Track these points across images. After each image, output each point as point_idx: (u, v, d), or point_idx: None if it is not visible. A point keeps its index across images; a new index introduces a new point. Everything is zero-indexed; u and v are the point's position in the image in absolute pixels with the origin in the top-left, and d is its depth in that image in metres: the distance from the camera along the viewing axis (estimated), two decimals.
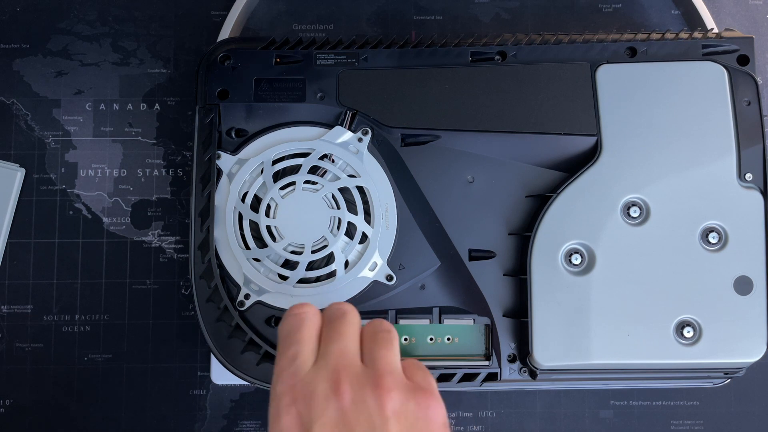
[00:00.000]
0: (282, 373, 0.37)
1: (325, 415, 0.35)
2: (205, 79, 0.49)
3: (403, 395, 0.36)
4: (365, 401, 0.35)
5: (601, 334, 0.46)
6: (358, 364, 0.37)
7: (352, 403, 0.35)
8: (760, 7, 0.59)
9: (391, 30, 0.58)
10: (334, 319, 0.39)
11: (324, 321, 0.40)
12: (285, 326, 0.39)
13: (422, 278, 0.48)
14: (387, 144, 0.49)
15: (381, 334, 0.39)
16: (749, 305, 0.46)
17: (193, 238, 0.48)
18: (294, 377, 0.37)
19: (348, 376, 0.36)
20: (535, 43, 0.49)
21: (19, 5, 0.58)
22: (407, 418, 0.35)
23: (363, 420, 0.35)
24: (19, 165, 0.56)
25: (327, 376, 0.36)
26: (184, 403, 0.54)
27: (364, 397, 0.35)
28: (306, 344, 0.38)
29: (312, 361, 0.38)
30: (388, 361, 0.37)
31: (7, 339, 0.54)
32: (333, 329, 0.39)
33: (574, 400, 0.54)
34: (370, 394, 0.35)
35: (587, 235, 0.47)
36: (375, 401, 0.35)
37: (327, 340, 0.38)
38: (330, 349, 0.37)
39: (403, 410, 0.35)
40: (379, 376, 0.36)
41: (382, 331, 0.39)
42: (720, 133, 0.47)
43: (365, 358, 0.38)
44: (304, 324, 0.39)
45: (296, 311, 0.40)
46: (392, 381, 0.36)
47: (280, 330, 0.40)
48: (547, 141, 0.48)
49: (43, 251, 0.55)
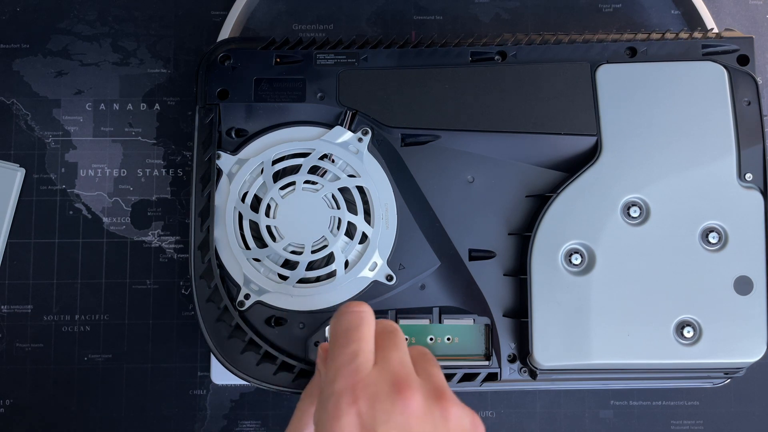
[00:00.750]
0: (341, 369, 0.36)
1: (390, 419, 0.34)
2: (205, 79, 0.49)
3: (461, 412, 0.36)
4: (431, 411, 0.35)
5: (601, 334, 0.46)
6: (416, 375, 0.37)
7: (420, 411, 0.35)
8: (760, 7, 0.59)
9: (391, 30, 0.58)
10: (388, 331, 0.39)
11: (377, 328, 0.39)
12: (343, 322, 0.38)
13: (422, 278, 0.48)
14: (387, 144, 0.49)
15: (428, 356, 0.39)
16: (749, 305, 0.46)
17: (193, 238, 0.48)
18: (356, 375, 0.36)
19: (415, 384, 0.36)
20: (535, 43, 0.49)
21: (19, 5, 0.58)
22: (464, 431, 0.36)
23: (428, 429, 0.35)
24: (19, 165, 0.56)
25: (392, 380, 0.35)
26: (184, 403, 0.54)
27: (430, 407, 0.35)
28: (367, 343, 0.37)
29: (372, 361, 0.37)
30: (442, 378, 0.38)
31: (7, 339, 0.54)
32: (390, 338, 0.38)
33: (574, 400, 0.54)
34: (435, 405, 0.35)
35: (587, 235, 0.47)
36: (440, 412, 0.35)
37: (385, 347, 0.37)
38: (391, 356, 0.37)
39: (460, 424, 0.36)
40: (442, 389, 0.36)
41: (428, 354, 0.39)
42: (720, 133, 0.47)
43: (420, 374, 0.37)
44: (364, 322, 0.38)
45: (354, 308, 0.39)
46: (452, 395, 0.36)
47: (336, 326, 0.38)
48: (547, 141, 0.48)
49: (43, 251, 0.55)
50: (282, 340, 0.47)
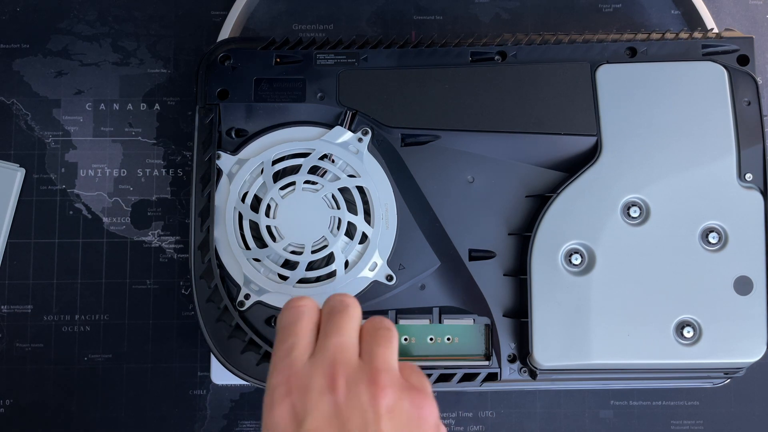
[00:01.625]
0: (278, 364, 0.37)
1: (318, 408, 0.35)
2: (205, 79, 0.49)
3: (397, 393, 0.36)
4: (359, 397, 0.35)
5: (601, 334, 0.46)
6: (355, 360, 0.37)
7: (347, 398, 0.35)
8: (760, 7, 0.59)
9: (391, 30, 0.58)
10: (335, 313, 0.39)
11: (324, 313, 0.40)
12: (283, 318, 0.39)
13: (422, 278, 0.48)
14: (387, 144, 0.49)
15: (381, 331, 0.39)
16: (749, 305, 0.46)
17: (193, 238, 0.48)
18: (289, 369, 0.37)
19: (344, 371, 0.36)
20: (535, 43, 0.49)
21: (19, 5, 0.58)
22: (400, 416, 0.35)
23: (356, 415, 0.35)
24: (19, 165, 0.56)
25: (323, 370, 0.36)
26: (184, 403, 0.54)
27: (359, 393, 0.35)
28: (303, 337, 0.38)
29: (308, 354, 0.38)
30: (386, 359, 0.37)
31: (7, 339, 0.54)
32: (332, 323, 0.38)
33: (574, 400, 0.54)
34: (364, 390, 0.35)
35: (587, 235, 0.47)
36: (369, 397, 0.35)
37: (325, 334, 0.38)
38: (328, 343, 0.37)
39: (396, 408, 0.35)
40: (376, 372, 0.36)
41: (383, 328, 0.39)
42: (720, 133, 0.47)
43: (363, 354, 0.38)
44: (302, 317, 0.39)
45: (294, 304, 0.40)
46: (388, 378, 0.36)
47: (278, 322, 0.40)
48: (547, 141, 0.48)
49: (43, 251, 0.55)
50: None
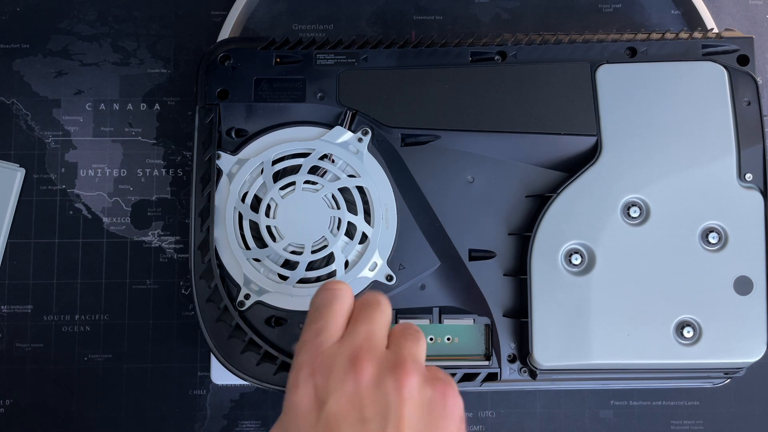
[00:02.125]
0: (306, 344, 0.37)
1: (341, 390, 0.35)
2: (205, 79, 0.49)
3: (422, 381, 0.36)
4: (383, 381, 0.35)
5: (601, 334, 0.46)
6: (383, 348, 0.37)
7: (371, 382, 0.35)
8: (760, 7, 0.59)
9: (391, 30, 0.58)
10: (368, 305, 0.39)
11: (356, 304, 0.40)
12: (317, 299, 0.39)
13: (422, 278, 0.48)
14: (387, 144, 0.49)
15: (410, 330, 0.39)
16: (749, 305, 0.46)
17: (193, 238, 0.48)
18: (316, 350, 0.36)
19: (370, 356, 0.36)
20: (535, 43, 0.49)
21: (19, 5, 0.58)
22: (423, 404, 0.35)
23: (379, 399, 0.34)
24: (19, 165, 0.56)
25: (349, 353, 0.36)
26: (184, 403, 0.54)
27: (383, 378, 0.35)
28: (334, 319, 0.38)
29: (337, 337, 0.37)
30: (413, 351, 0.37)
31: (7, 339, 0.54)
32: (364, 313, 0.38)
33: (574, 400, 0.54)
34: (389, 375, 0.35)
35: (587, 235, 0.47)
36: (393, 382, 0.35)
37: (356, 321, 0.38)
38: (357, 330, 0.37)
39: (420, 396, 0.35)
40: (402, 359, 0.36)
41: (412, 328, 0.39)
42: (720, 133, 0.47)
43: (391, 346, 0.38)
44: (336, 300, 0.39)
45: (330, 286, 0.40)
46: (413, 366, 0.36)
47: (312, 302, 0.40)
48: (547, 141, 0.48)
49: (43, 251, 0.55)
50: (282, 341, 0.47)
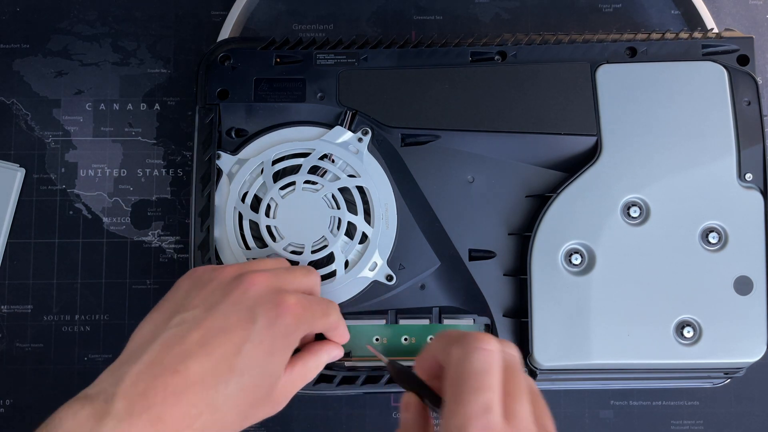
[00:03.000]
0: (473, 420, 0.33)
1: None
2: (205, 79, 0.49)
3: None
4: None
5: (601, 334, 0.46)
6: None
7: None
8: (760, 7, 0.59)
9: (391, 30, 0.58)
10: (515, 372, 0.35)
11: (504, 365, 0.36)
12: (474, 361, 0.34)
13: (422, 278, 0.48)
14: (387, 144, 0.49)
15: (538, 397, 0.36)
16: (749, 305, 0.46)
17: (193, 238, 0.48)
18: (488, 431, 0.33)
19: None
20: (535, 43, 0.49)
21: (19, 5, 0.58)
22: None
23: None
24: (19, 165, 0.56)
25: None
26: None
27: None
28: (497, 394, 0.34)
29: (502, 414, 0.34)
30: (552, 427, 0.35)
31: (7, 339, 0.54)
32: (518, 386, 0.35)
33: (574, 400, 0.54)
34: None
35: (587, 235, 0.47)
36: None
37: (515, 397, 0.34)
38: (520, 410, 0.34)
39: None
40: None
41: (536, 391, 0.36)
42: (720, 133, 0.47)
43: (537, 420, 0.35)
44: (496, 366, 0.35)
45: (486, 346, 0.35)
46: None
47: (466, 363, 0.35)
48: (547, 141, 0.48)
49: (43, 251, 0.55)
50: None
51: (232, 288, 0.39)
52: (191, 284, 0.41)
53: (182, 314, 0.39)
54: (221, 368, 0.37)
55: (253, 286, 0.39)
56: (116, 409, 0.34)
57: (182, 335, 0.37)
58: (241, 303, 0.39)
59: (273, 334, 0.38)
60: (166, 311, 0.40)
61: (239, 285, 0.39)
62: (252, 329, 0.38)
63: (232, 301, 0.39)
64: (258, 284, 0.39)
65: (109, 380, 0.36)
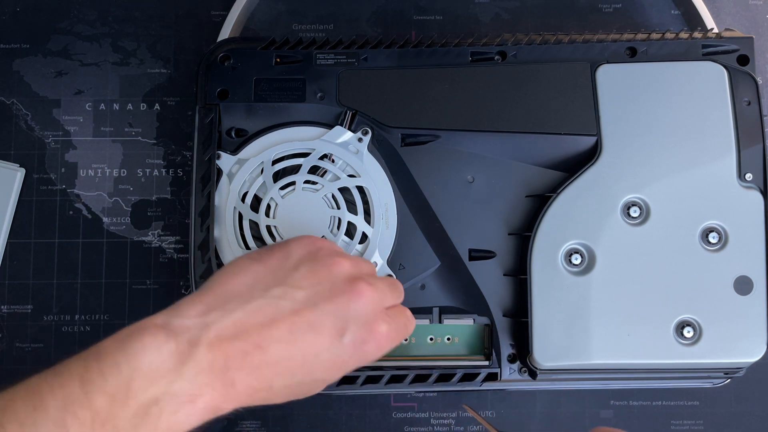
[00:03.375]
0: None
1: None
2: (205, 79, 0.49)
3: None
4: None
5: (601, 334, 0.46)
6: None
7: None
8: (760, 7, 0.59)
9: (391, 30, 0.58)
10: None
11: None
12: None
13: (422, 278, 0.48)
14: (387, 144, 0.49)
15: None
16: (749, 305, 0.46)
17: (193, 238, 0.48)
18: None
19: None
20: (535, 43, 0.49)
21: (19, 5, 0.58)
22: None
23: None
24: (19, 165, 0.56)
25: None
26: None
27: None
28: None
29: None
30: None
31: (7, 339, 0.54)
32: None
33: (574, 400, 0.54)
34: None
35: (587, 235, 0.47)
36: None
37: None
38: None
39: None
40: None
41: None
42: (720, 133, 0.47)
43: None
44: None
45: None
46: None
47: None
48: (547, 141, 0.48)
49: (43, 251, 0.55)
50: None
51: (340, 291, 0.39)
52: (306, 256, 0.40)
53: (286, 288, 0.38)
54: (295, 362, 0.37)
55: (359, 299, 0.39)
56: (199, 357, 0.34)
57: (276, 314, 0.37)
58: (340, 312, 0.38)
59: (351, 355, 0.39)
60: (270, 272, 0.39)
61: (348, 292, 0.39)
62: (338, 343, 0.38)
63: (335, 306, 0.38)
64: (364, 299, 0.39)
65: (196, 321, 0.35)
